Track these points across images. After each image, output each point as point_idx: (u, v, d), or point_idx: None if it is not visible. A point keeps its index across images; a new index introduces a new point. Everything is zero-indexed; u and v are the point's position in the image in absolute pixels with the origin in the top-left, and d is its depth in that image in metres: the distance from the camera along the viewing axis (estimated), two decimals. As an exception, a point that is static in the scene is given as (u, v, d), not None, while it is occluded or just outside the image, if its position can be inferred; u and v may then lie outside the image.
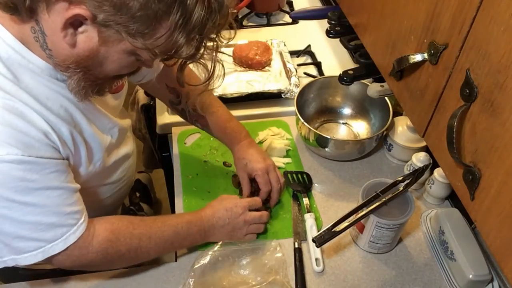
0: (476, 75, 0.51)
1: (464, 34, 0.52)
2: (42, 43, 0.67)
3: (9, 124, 0.66)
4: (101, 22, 0.61)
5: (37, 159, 0.69)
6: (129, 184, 1.07)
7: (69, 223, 0.75)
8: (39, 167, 0.70)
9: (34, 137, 0.69)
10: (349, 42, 0.98)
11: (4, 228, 0.71)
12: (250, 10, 1.69)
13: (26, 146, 0.67)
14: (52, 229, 0.74)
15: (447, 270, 0.94)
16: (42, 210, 0.72)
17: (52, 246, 0.74)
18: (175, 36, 0.63)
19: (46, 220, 0.73)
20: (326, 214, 1.06)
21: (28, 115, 0.69)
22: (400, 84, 0.70)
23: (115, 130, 0.91)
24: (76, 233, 0.76)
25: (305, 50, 1.51)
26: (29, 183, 0.69)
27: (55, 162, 0.73)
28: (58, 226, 0.74)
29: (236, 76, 1.37)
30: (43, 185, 0.71)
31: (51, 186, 0.72)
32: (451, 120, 0.53)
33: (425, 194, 1.10)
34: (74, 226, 0.76)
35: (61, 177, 0.74)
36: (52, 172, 0.72)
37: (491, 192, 0.49)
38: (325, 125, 1.27)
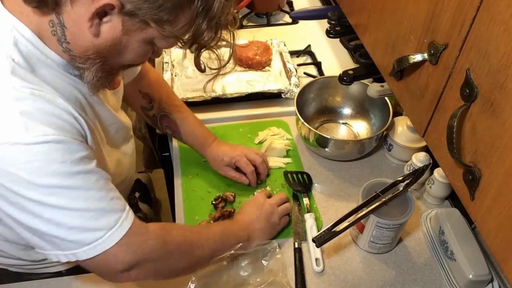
0: (476, 75, 0.51)
1: (464, 34, 0.52)
2: (60, 37, 0.67)
3: (40, 108, 0.66)
4: (127, 12, 0.62)
5: (72, 140, 0.68)
6: (129, 184, 1.07)
7: (117, 208, 0.73)
8: (75, 148, 0.69)
9: (66, 120, 0.69)
10: (349, 42, 0.98)
11: (55, 219, 0.67)
12: (250, 10, 1.69)
13: (59, 128, 0.67)
14: (104, 216, 0.70)
15: (447, 270, 0.94)
16: (88, 195, 0.69)
17: (109, 235, 0.70)
18: (198, 23, 0.66)
19: (95, 205, 0.70)
20: (326, 214, 1.06)
21: (55, 100, 0.69)
22: (400, 84, 0.70)
23: (115, 126, 0.91)
24: (128, 219, 0.73)
25: (305, 50, 1.51)
26: (69, 165, 0.67)
27: (86, 147, 0.72)
28: (108, 211, 0.71)
29: (236, 76, 1.37)
30: (82, 167, 0.69)
31: (90, 170, 0.70)
32: (451, 120, 0.53)
33: (425, 194, 1.10)
34: (124, 212, 0.73)
35: (93, 162, 0.72)
36: (86, 157, 0.70)
37: (491, 192, 0.49)
38: (325, 125, 1.27)
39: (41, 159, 0.65)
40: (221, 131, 1.23)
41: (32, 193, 0.65)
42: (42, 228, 0.68)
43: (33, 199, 0.65)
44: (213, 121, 1.27)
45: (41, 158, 0.64)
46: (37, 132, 0.64)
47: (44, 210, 0.66)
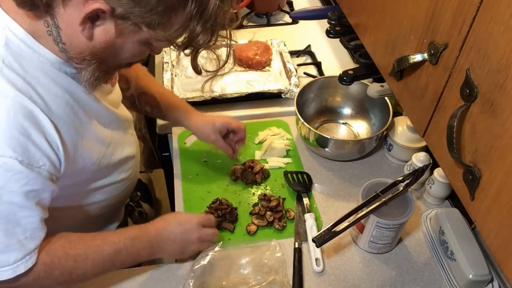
0: (476, 75, 0.51)
1: (464, 34, 0.52)
2: (55, 37, 0.67)
3: (14, 124, 0.65)
4: (119, 15, 0.62)
5: (27, 169, 0.67)
6: (133, 183, 1.06)
7: (23, 249, 0.71)
8: (24, 179, 0.67)
9: (35, 140, 0.68)
10: (349, 42, 0.98)
11: None
12: (250, 10, 1.69)
13: (23, 150, 0.66)
14: (8, 253, 0.70)
15: (447, 270, 0.94)
16: (7, 227, 0.68)
17: (1, 271, 0.70)
18: (192, 26, 0.65)
19: (6, 240, 0.69)
20: (326, 214, 1.06)
21: (36, 115, 0.68)
22: (400, 84, 0.70)
23: (115, 124, 0.91)
24: (28, 263, 0.72)
25: (305, 50, 1.51)
26: (6, 193, 0.66)
27: (42, 179, 0.70)
28: (13, 250, 0.70)
29: (236, 76, 1.37)
30: (18, 200, 0.68)
31: (25, 205, 0.69)
32: (451, 120, 0.53)
33: (425, 194, 1.10)
34: (27, 256, 0.72)
35: (37, 198, 0.70)
36: (32, 191, 0.69)
37: (491, 192, 0.49)
38: (325, 125, 1.27)
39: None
40: (221, 131, 1.24)
41: None
42: None
43: None
44: (213, 121, 1.27)
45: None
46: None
47: None
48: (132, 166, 1.00)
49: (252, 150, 1.20)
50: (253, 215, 1.04)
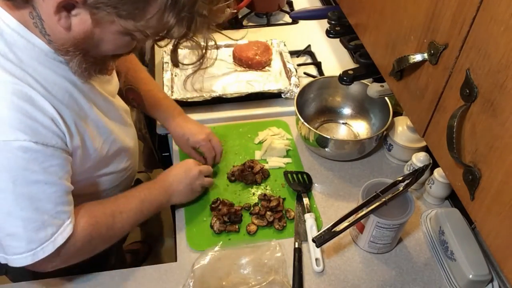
0: (476, 75, 0.51)
1: (464, 34, 0.52)
2: (41, 29, 0.67)
3: (18, 109, 0.66)
4: (91, 5, 0.62)
5: (43, 148, 0.69)
6: (133, 175, 1.08)
7: (58, 222, 0.75)
8: (42, 157, 0.69)
9: (43, 123, 0.69)
10: (349, 42, 0.98)
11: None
12: (250, 10, 1.69)
13: (34, 132, 0.68)
14: (43, 229, 0.73)
15: (447, 270, 0.94)
16: (37, 205, 0.71)
17: (42, 248, 0.74)
18: (166, 17, 0.64)
19: (39, 217, 0.72)
20: (326, 214, 1.06)
21: (37, 100, 0.69)
22: (400, 84, 0.70)
23: (113, 113, 0.92)
24: (64, 234, 0.76)
25: (305, 50, 1.51)
26: (30, 173, 0.69)
27: (58, 154, 0.73)
28: (48, 225, 0.73)
29: (236, 76, 1.37)
30: (42, 178, 0.71)
31: (49, 181, 0.72)
32: (451, 120, 0.53)
33: (425, 194, 1.10)
34: (61, 227, 0.75)
35: (60, 172, 0.74)
36: (53, 166, 0.72)
37: (491, 192, 0.49)
38: (325, 125, 1.27)
39: (4, 164, 0.66)
40: (221, 131, 1.24)
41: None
42: None
43: None
44: (213, 121, 1.27)
45: (4, 163, 0.66)
46: (10, 136, 0.65)
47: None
48: (131, 157, 1.02)
49: (252, 150, 1.20)
50: (253, 215, 1.04)
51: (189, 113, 1.27)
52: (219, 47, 1.47)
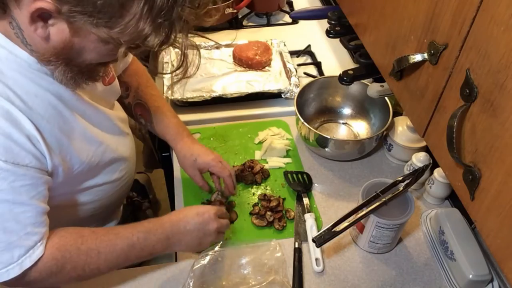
0: (476, 75, 0.51)
1: (464, 34, 0.52)
2: (22, 39, 0.66)
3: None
4: (66, 14, 0.60)
5: (13, 167, 0.66)
6: (128, 184, 1.06)
7: (26, 244, 0.71)
8: (12, 176, 0.67)
9: (17, 140, 0.67)
10: (349, 42, 0.98)
11: None
12: (250, 10, 1.69)
13: (5, 150, 0.65)
14: (10, 250, 0.70)
15: (447, 270, 0.94)
16: (3, 226, 0.68)
17: (7, 270, 0.70)
18: (141, 25, 0.61)
19: (6, 238, 0.69)
20: (326, 214, 1.06)
21: (15, 116, 0.67)
22: (400, 84, 0.70)
23: (106, 123, 0.89)
24: (32, 257, 0.72)
25: (305, 50, 1.51)
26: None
27: (32, 174, 0.70)
28: (15, 246, 0.70)
29: (236, 76, 1.37)
30: (10, 197, 0.68)
31: (18, 201, 0.69)
32: (451, 120, 0.53)
33: (425, 194, 1.10)
34: (31, 249, 0.71)
35: (31, 192, 0.70)
36: (23, 186, 0.69)
37: (491, 192, 0.49)
38: (325, 125, 1.27)
39: None
40: (221, 131, 1.24)
41: None
42: None
43: None
44: (213, 121, 1.27)
45: None
46: None
47: None
48: (126, 167, 0.98)
49: (252, 150, 1.20)
50: (253, 215, 1.04)
51: (189, 113, 1.27)
52: (219, 47, 1.47)
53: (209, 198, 1.07)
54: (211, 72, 1.38)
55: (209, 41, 1.50)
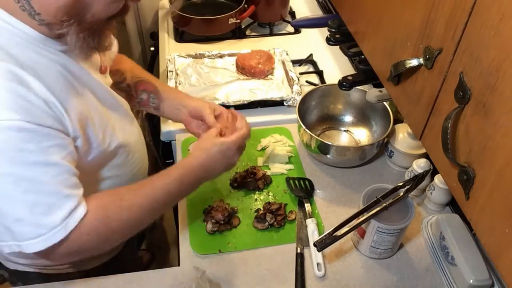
0: (469, 78, 0.52)
1: (457, 39, 0.54)
2: (29, 10, 0.67)
3: (9, 89, 0.65)
4: None
5: (37, 127, 0.66)
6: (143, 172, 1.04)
7: (67, 206, 0.71)
8: (39, 137, 0.67)
9: (35, 103, 0.67)
10: (349, 49, 1.00)
11: (4, 207, 0.68)
12: (253, 20, 1.72)
13: (26, 112, 0.65)
14: (52, 213, 0.70)
15: (448, 275, 0.94)
16: (41, 188, 0.68)
17: (53, 233, 0.70)
18: None
19: (45, 200, 0.69)
20: (327, 219, 1.07)
21: (29, 82, 0.67)
22: (398, 88, 0.72)
23: (112, 102, 0.89)
24: (75, 218, 0.72)
25: (307, 59, 1.54)
26: (27, 154, 0.66)
27: (56, 134, 0.70)
28: (57, 208, 0.70)
29: (239, 84, 1.39)
30: (42, 159, 0.67)
31: (50, 162, 0.69)
32: (445, 122, 0.54)
33: (426, 200, 1.11)
34: (73, 211, 0.72)
35: (62, 152, 0.70)
36: (51, 146, 0.69)
37: (485, 191, 0.51)
38: (327, 133, 1.29)
39: (0, 146, 0.64)
40: (224, 138, 1.25)
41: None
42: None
43: None
44: (216, 128, 1.29)
45: (0, 145, 0.64)
46: (2, 116, 0.63)
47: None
48: (137, 153, 0.98)
49: (254, 156, 1.21)
50: (254, 219, 1.05)
51: (193, 120, 1.29)
52: (222, 56, 1.50)
53: (211, 204, 1.08)
54: (214, 81, 1.40)
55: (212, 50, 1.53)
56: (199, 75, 1.43)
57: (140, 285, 0.94)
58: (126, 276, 0.95)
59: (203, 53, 1.49)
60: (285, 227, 1.04)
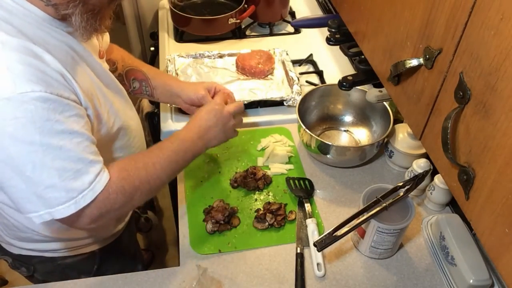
0: (469, 78, 0.52)
1: (457, 39, 0.54)
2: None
3: (27, 63, 0.67)
4: None
5: (59, 98, 0.70)
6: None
7: (93, 170, 0.76)
8: (61, 107, 0.71)
9: (52, 76, 0.71)
10: (349, 49, 1.00)
11: (35, 176, 0.71)
12: (253, 20, 1.72)
13: (47, 84, 0.69)
14: (80, 177, 0.74)
15: (448, 275, 0.94)
16: (68, 155, 0.72)
17: (82, 196, 0.75)
18: None
19: (73, 166, 0.73)
20: (327, 219, 1.07)
21: (43, 56, 0.71)
22: (398, 88, 0.72)
23: (113, 86, 0.93)
24: (101, 181, 0.77)
25: (307, 59, 1.54)
26: (53, 123, 0.69)
27: (74, 105, 0.74)
28: (84, 173, 0.74)
29: (239, 84, 1.40)
30: (66, 127, 0.71)
31: (74, 130, 0.73)
32: (445, 122, 0.54)
33: (426, 200, 1.11)
34: (98, 175, 0.76)
35: (81, 122, 0.75)
36: (72, 116, 0.73)
37: (485, 191, 0.51)
38: (327, 133, 1.29)
39: (28, 116, 0.67)
40: (224, 138, 1.25)
41: (15, 148, 0.68)
42: (21, 185, 0.71)
43: (15, 155, 0.69)
44: (216, 128, 1.29)
45: (28, 115, 0.67)
46: (26, 88, 0.66)
47: (25, 166, 0.69)
48: (137, 136, 1.02)
49: (254, 156, 1.22)
50: (254, 219, 1.05)
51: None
52: (222, 56, 1.50)
53: (211, 204, 1.08)
54: (214, 81, 1.40)
55: (212, 50, 1.54)
56: (199, 75, 1.43)
57: (140, 285, 0.94)
58: (126, 276, 0.95)
59: (203, 53, 1.49)
60: (285, 227, 1.05)
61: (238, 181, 1.13)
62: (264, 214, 1.04)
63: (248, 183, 1.12)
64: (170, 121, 1.29)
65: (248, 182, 1.12)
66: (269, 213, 1.04)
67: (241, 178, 1.13)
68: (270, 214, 1.04)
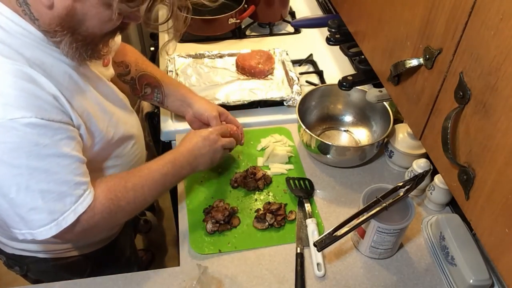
0: (469, 78, 0.52)
1: (457, 39, 0.54)
2: (29, 15, 0.70)
3: (20, 88, 0.68)
4: None
5: (49, 123, 0.71)
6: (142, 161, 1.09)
7: (77, 193, 0.77)
8: (51, 131, 0.72)
9: (45, 100, 0.71)
10: (349, 49, 1.00)
11: (19, 198, 0.72)
12: (253, 20, 1.72)
13: (38, 109, 0.70)
14: (62, 199, 0.75)
15: (448, 275, 0.94)
16: (54, 178, 0.73)
17: (63, 217, 0.76)
18: None
19: (57, 188, 0.74)
20: (327, 219, 1.07)
21: (37, 79, 0.71)
22: (398, 88, 0.72)
23: (114, 98, 0.93)
24: (84, 203, 0.78)
25: (307, 59, 1.54)
26: (41, 148, 0.71)
27: (66, 128, 0.75)
28: (67, 195, 0.75)
29: (239, 84, 1.39)
30: (55, 151, 0.72)
31: (62, 153, 0.74)
32: (445, 122, 0.54)
33: (426, 200, 1.11)
34: (81, 197, 0.77)
35: (71, 144, 0.76)
36: (62, 139, 0.74)
37: (485, 191, 0.50)
38: (327, 133, 1.29)
39: (16, 141, 0.68)
40: (224, 138, 1.25)
41: (1, 170, 0.69)
42: (4, 205, 0.73)
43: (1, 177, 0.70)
44: (216, 128, 1.29)
45: (16, 141, 0.68)
46: (16, 114, 0.67)
47: (9, 188, 0.71)
48: (137, 142, 1.03)
49: (254, 156, 1.22)
50: (254, 219, 1.05)
51: (193, 120, 1.29)
52: (222, 56, 1.50)
53: (211, 204, 1.08)
54: (214, 81, 1.40)
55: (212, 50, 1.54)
56: (199, 75, 1.43)
57: (140, 285, 0.94)
58: (126, 276, 0.95)
59: (203, 53, 1.49)
60: (285, 227, 1.05)
61: (238, 181, 1.13)
62: (264, 214, 1.04)
63: (248, 183, 1.12)
64: (170, 121, 1.29)
65: (248, 182, 1.12)
66: (269, 213, 1.04)
67: (241, 178, 1.13)
68: (270, 214, 1.04)
